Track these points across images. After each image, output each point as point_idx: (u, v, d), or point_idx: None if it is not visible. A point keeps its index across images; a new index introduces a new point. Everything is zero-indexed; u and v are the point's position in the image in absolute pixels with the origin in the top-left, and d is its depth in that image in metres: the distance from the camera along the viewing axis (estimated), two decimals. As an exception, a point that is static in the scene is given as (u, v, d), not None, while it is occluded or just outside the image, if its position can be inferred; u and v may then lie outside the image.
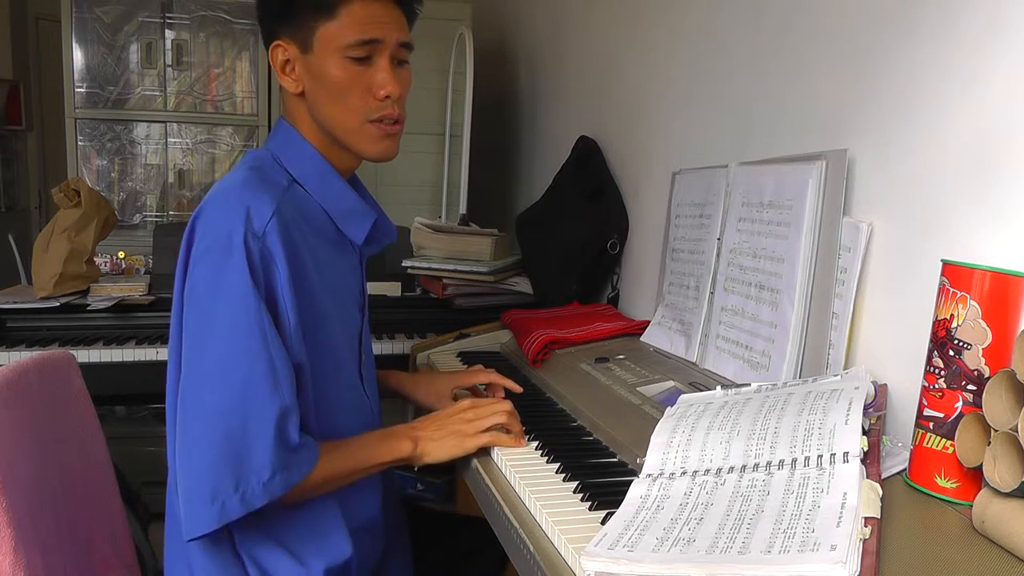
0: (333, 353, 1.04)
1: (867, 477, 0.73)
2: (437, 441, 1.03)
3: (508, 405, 1.07)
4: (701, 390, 1.06)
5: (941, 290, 0.79)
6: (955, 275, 0.78)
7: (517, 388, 1.24)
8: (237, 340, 0.91)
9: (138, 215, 3.13)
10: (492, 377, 1.27)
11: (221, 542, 0.97)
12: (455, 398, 1.28)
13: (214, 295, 0.92)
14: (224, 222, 0.93)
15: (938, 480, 0.79)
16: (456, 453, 1.03)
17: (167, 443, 0.99)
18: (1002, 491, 0.69)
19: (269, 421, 0.90)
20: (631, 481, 0.80)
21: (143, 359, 1.81)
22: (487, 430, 1.04)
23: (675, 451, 0.84)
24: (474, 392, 1.32)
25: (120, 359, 1.81)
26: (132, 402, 2.36)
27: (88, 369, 1.19)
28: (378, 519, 1.11)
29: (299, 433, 0.93)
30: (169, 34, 3.03)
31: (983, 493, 0.72)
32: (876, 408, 0.91)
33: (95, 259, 2.03)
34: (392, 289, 2.14)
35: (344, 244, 1.10)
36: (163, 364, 1.00)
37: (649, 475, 0.81)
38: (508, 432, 1.05)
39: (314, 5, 1.00)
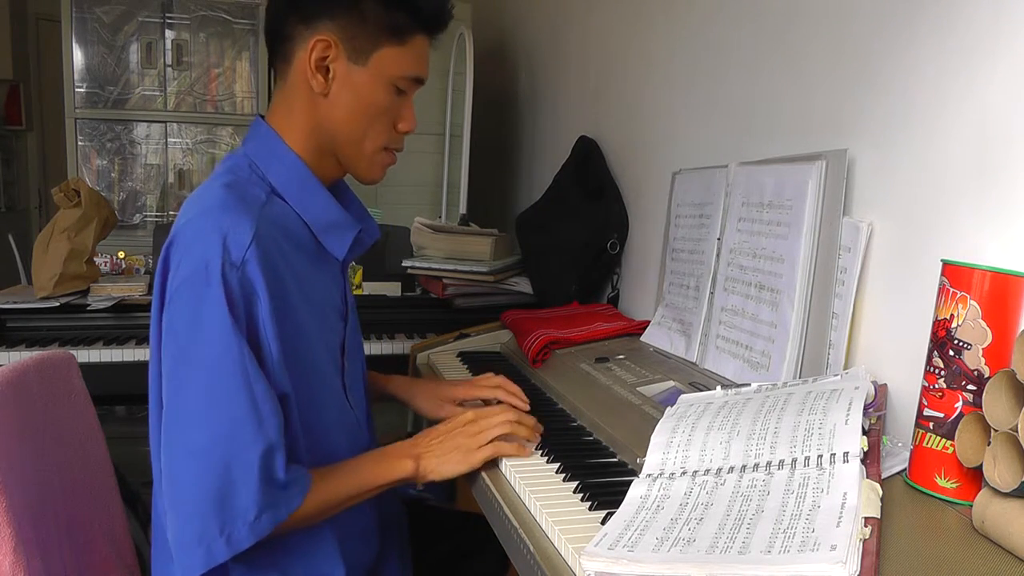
0: (317, 373, 1.00)
1: (867, 477, 0.73)
2: (440, 457, 0.99)
3: (512, 413, 1.03)
4: (701, 390, 1.06)
5: (941, 290, 0.79)
6: (955, 275, 0.78)
7: (524, 405, 1.17)
8: (218, 380, 0.87)
9: (138, 215, 3.13)
10: (500, 394, 1.19)
11: None
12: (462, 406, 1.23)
13: (192, 332, 0.87)
14: (200, 252, 0.87)
15: (938, 480, 0.79)
16: (462, 469, 0.98)
17: (150, 446, 0.96)
18: (1002, 491, 0.69)
19: (253, 462, 0.86)
20: (631, 481, 0.80)
21: (143, 359, 1.81)
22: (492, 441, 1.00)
23: (675, 451, 0.84)
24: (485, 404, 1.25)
25: (120, 359, 1.81)
26: (132, 402, 2.36)
27: (88, 369, 1.19)
28: (371, 524, 1.09)
29: (286, 469, 0.89)
30: (169, 34, 3.04)
31: (983, 493, 0.72)
32: (876, 408, 0.91)
33: (95, 259, 2.03)
34: (392, 289, 2.13)
35: (325, 255, 1.06)
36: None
37: (649, 475, 0.81)
38: (521, 440, 1.02)
39: (389, 26, 0.98)
